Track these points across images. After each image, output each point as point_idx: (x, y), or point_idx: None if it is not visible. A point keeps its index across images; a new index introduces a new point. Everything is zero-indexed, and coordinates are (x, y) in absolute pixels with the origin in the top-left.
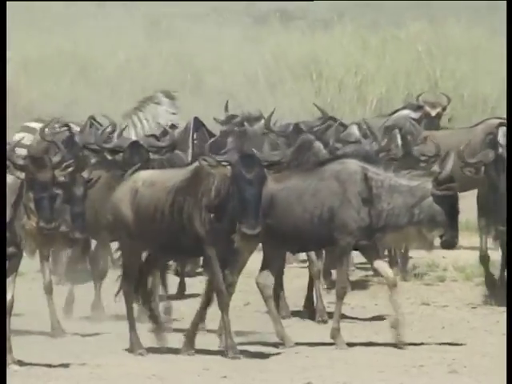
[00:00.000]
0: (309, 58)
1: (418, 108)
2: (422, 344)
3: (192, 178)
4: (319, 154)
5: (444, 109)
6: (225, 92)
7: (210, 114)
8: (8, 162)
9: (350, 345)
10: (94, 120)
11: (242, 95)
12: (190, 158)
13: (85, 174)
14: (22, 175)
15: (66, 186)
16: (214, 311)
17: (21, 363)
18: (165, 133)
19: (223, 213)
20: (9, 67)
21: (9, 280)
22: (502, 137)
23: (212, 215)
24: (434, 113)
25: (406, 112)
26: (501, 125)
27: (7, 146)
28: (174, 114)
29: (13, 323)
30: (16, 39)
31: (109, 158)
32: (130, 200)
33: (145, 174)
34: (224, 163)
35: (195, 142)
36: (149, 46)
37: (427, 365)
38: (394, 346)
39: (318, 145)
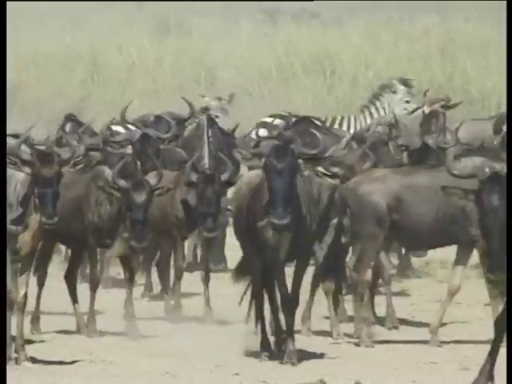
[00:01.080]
0: (321, 54)
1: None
2: None
3: None
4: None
5: (445, 107)
6: (238, 87)
7: None
8: (16, 158)
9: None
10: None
11: (255, 90)
12: (206, 155)
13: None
14: (29, 170)
15: (127, 192)
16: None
17: (33, 360)
18: (395, 124)
19: None
20: (19, 63)
21: (22, 278)
22: None
23: None
24: (427, 110)
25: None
26: None
27: (15, 141)
28: (407, 102)
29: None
30: (26, 36)
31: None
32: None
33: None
34: (257, 154)
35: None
36: (161, 43)
37: (439, 362)
38: (407, 342)
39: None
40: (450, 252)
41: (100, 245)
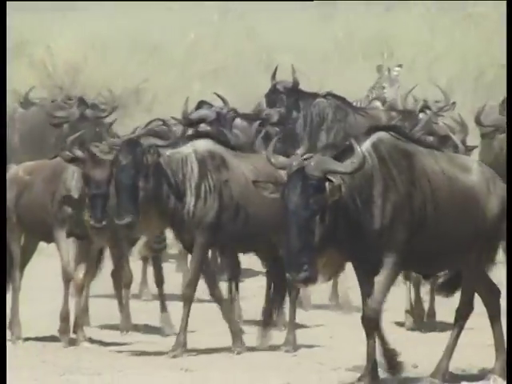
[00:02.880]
0: (380, 37)
1: None
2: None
3: None
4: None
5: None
6: (298, 70)
7: None
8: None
9: None
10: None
11: (314, 73)
12: None
13: None
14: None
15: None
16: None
17: (91, 340)
18: None
19: None
20: (77, 48)
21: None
22: None
23: None
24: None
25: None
26: None
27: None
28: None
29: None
30: (85, 19)
31: None
32: None
33: None
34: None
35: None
36: (220, 26)
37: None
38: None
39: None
40: None
41: None
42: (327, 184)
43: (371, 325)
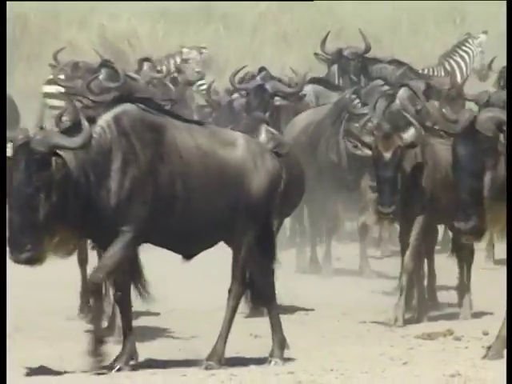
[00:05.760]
0: (452, 3)
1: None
2: None
3: None
4: None
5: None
6: (368, 37)
7: None
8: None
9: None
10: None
11: (385, 40)
12: None
13: None
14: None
15: None
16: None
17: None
18: None
19: None
20: (146, 17)
21: None
22: None
23: None
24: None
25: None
26: None
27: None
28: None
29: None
30: None
31: None
32: None
33: None
34: None
35: None
36: None
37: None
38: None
39: None
40: None
41: None
42: (54, 159)
43: (93, 288)
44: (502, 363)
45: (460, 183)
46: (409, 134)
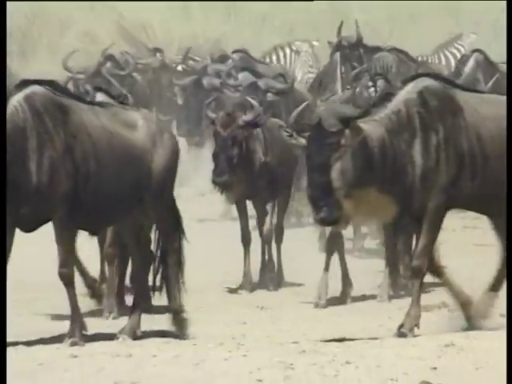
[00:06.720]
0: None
1: None
2: None
3: None
4: None
5: None
6: (368, 26)
7: None
8: None
9: None
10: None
11: (384, 29)
12: (339, 90)
13: None
14: None
15: None
16: None
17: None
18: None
19: None
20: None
21: None
22: None
23: None
24: None
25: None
26: None
27: None
28: None
29: None
30: None
31: None
32: None
33: None
34: None
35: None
36: None
37: None
38: None
39: None
40: None
41: None
42: None
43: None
44: (494, 334)
45: (309, 178)
46: (248, 116)
